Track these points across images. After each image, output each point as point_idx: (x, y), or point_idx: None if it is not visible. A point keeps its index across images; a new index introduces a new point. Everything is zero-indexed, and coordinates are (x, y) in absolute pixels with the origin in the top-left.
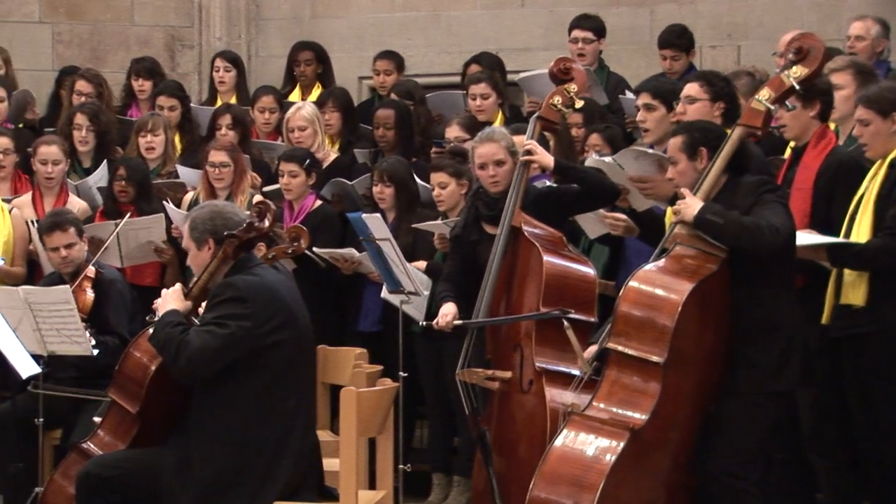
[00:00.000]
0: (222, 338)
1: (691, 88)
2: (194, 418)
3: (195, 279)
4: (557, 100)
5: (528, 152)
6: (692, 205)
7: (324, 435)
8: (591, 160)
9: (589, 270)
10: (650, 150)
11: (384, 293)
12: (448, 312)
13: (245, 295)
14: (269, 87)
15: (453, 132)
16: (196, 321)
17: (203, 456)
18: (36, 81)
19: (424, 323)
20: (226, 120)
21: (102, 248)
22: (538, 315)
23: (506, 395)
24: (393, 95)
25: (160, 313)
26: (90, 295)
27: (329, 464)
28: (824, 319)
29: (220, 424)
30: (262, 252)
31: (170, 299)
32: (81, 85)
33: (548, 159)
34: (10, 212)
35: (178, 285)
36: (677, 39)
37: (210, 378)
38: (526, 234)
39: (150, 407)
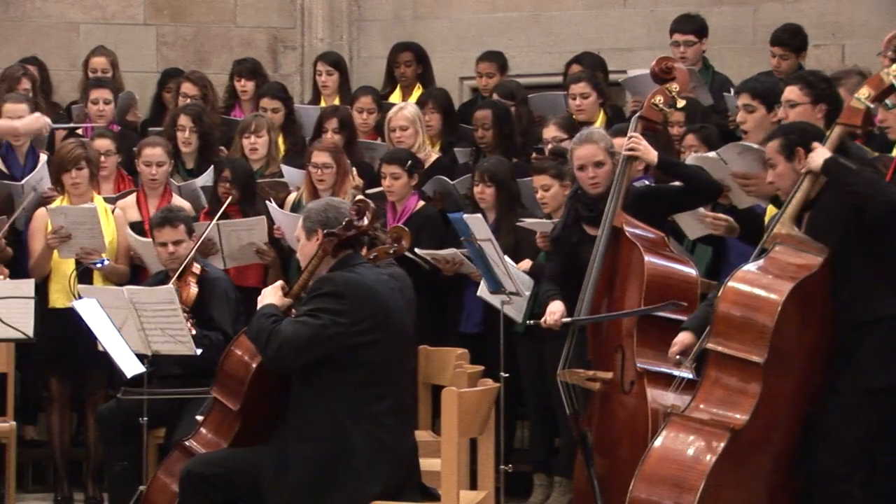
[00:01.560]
0: (314, 329)
1: (791, 92)
2: (291, 416)
3: (298, 277)
4: (659, 99)
5: (632, 148)
6: (820, 153)
7: (425, 435)
8: (694, 156)
9: (690, 270)
10: (755, 146)
11: (480, 292)
12: (556, 310)
13: (342, 290)
14: (368, 87)
15: (550, 133)
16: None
17: (298, 454)
18: (140, 83)
19: (531, 322)
20: (332, 123)
21: (212, 253)
22: (647, 309)
23: (607, 395)
24: (494, 96)
25: (259, 307)
26: (194, 289)
27: (430, 464)
28: None
29: (313, 422)
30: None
31: (268, 295)
32: (187, 87)
33: (651, 154)
34: (112, 212)
35: (278, 282)
36: (790, 39)
37: (304, 375)
38: (627, 234)
39: (252, 405)
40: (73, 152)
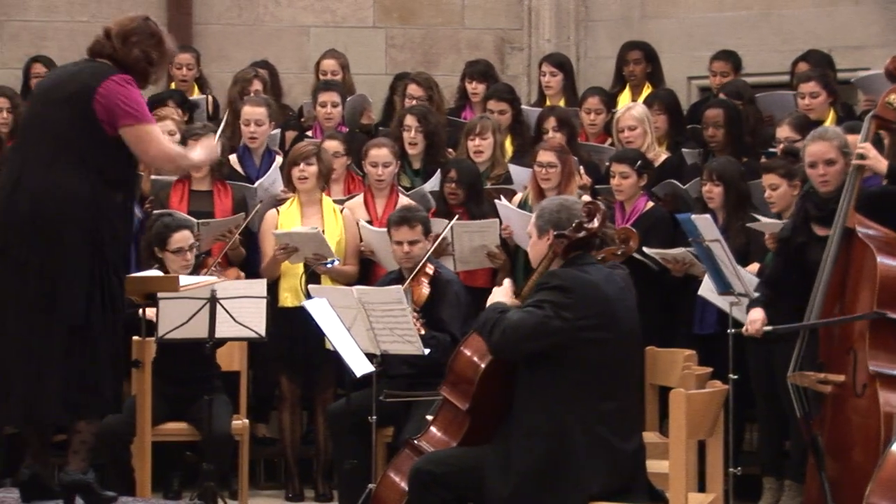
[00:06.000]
0: (538, 318)
1: None
2: (515, 413)
3: (526, 279)
4: (894, 98)
5: (861, 156)
6: None
7: (652, 437)
8: None
9: None
10: None
11: (702, 291)
12: (755, 319)
13: (569, 285)
14: (597, 88)
15: (784, 132)
16: None
17: (520, 450)
18: (370, 86)
19: (734, 331)
20: (550, 122)
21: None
22: (852, 318)
23: (839, 398)
24: (721, 95)
25: (488, 304)
26: (426, 289)
27: (658, 466)
28: None
29: (536, 419)
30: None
31: (498, 293)
32: (413, 88)
33: (881, 164)
34: (341, 212)
35: (507, 282)
36: None
37: (529, 371)
38: (860, 235)
39: (481, 404)
40: (305, 148)
